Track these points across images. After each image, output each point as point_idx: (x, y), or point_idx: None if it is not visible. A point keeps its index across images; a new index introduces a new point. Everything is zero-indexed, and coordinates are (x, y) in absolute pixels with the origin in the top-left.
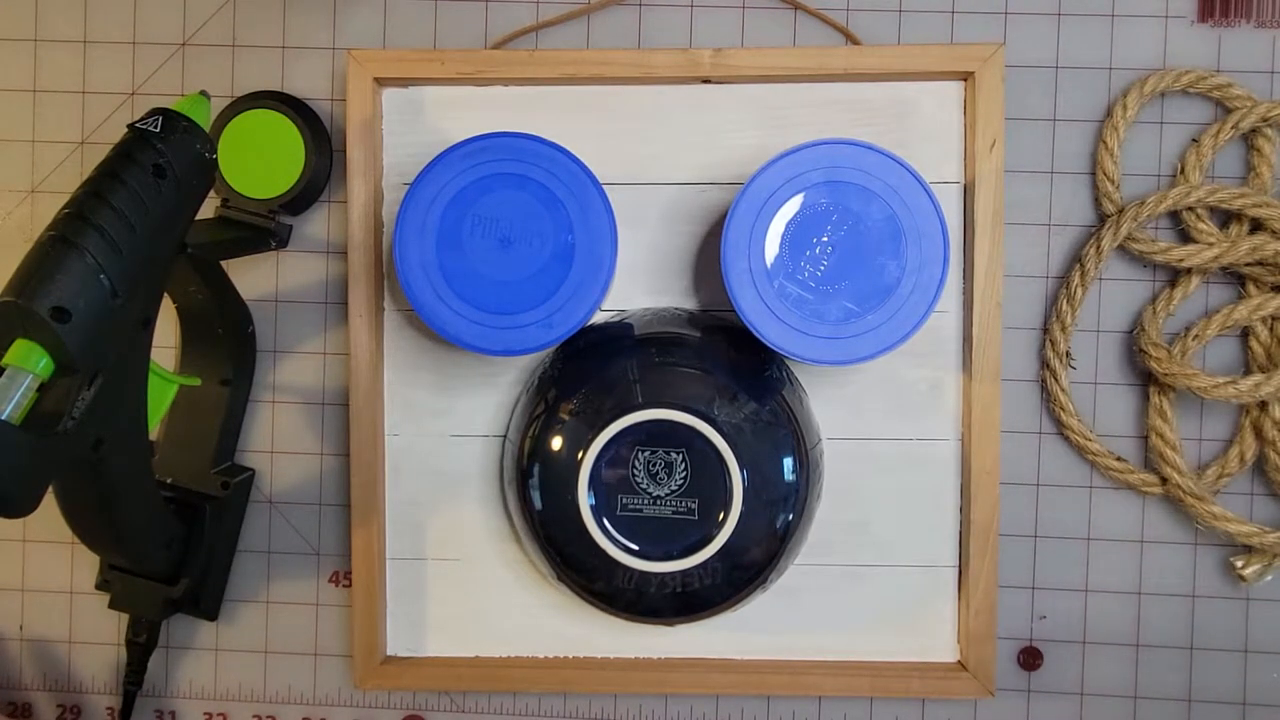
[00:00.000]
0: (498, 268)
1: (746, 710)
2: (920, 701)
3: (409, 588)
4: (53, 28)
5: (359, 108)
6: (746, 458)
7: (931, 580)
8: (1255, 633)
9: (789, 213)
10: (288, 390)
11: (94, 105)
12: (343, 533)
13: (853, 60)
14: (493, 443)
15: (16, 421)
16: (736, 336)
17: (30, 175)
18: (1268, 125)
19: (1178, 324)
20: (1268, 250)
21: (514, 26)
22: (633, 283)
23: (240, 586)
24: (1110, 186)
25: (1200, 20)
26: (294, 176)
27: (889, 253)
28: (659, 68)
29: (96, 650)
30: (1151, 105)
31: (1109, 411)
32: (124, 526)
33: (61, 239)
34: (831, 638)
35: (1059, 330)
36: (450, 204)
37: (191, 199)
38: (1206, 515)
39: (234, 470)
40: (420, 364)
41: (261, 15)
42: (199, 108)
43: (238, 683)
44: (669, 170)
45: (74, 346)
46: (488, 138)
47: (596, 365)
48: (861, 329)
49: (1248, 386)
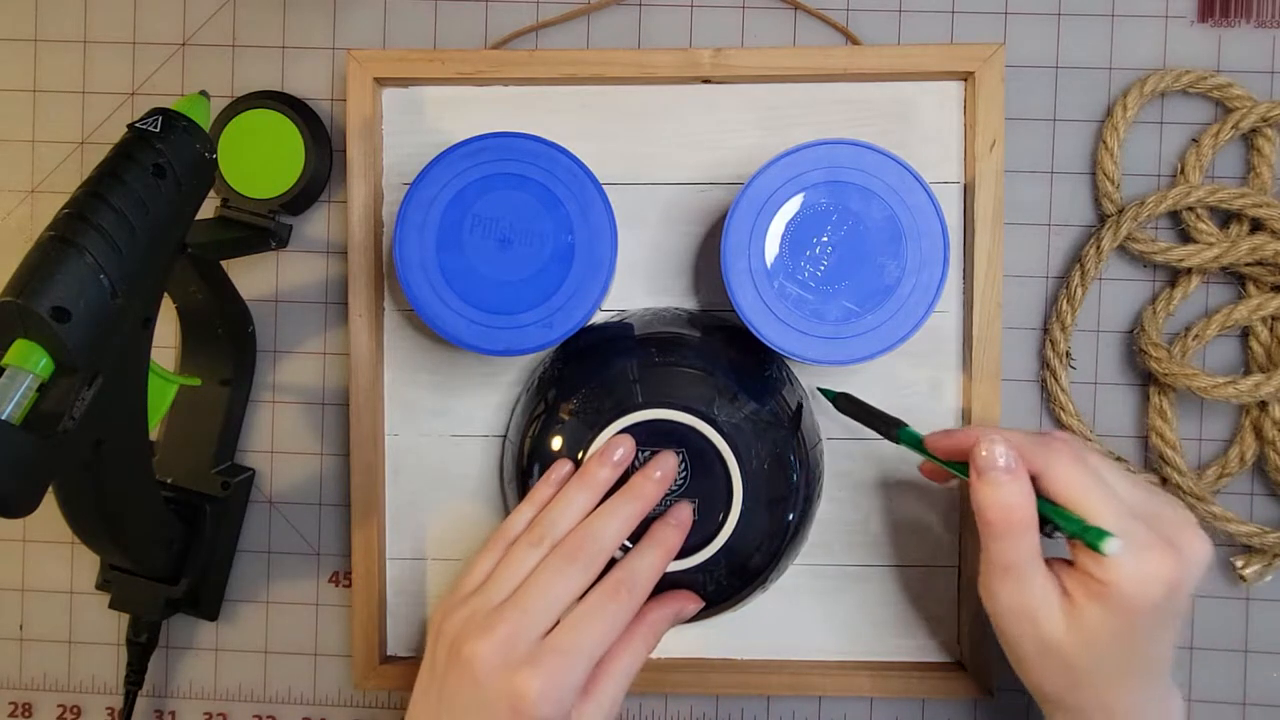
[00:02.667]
0: (498, 268)
1: (746, 710)
2: (920, 701)
3: (409, 588)
4: (53, 28)
5: (359, 108)
6: (746, 458)
7: (931, 580)
8: (1255, 633)
9: (789, 213)
10: (288, 390)
11: (94, 105)
12: (343, 533)
13: (853, 60)
14: (493, 443)
15: (16, 421)
16: (736, 336)
17: (30, 175)
18: (1268, 125)
19: (1178, 324)
20: (1268, 250)
21: (514, 26)
22: (633, 283)
23: (240, 586)
24: (1110, 186)
25: (1200, 20)
26: (294, 176)
27: (889, 253)
28: (659, 68)
29: (96, 650)
30: (1151, 105)
31: (1109, 411)
32: (124, 526)
33: (61, 239)
34: (831, 638)
35: (1059, 330)
36: (450, 204)
37: (191, 199)
38: (1206, 515)
39: (234, 470)
40: (420, 364)
41: (261, 15)
42: (199, 108)
43: (238, 683)
44: (669, 170)
45: (74, 346)
46: (488, 138)
47: (596, 365)
48: (861, 329)
49: (1248, 386)
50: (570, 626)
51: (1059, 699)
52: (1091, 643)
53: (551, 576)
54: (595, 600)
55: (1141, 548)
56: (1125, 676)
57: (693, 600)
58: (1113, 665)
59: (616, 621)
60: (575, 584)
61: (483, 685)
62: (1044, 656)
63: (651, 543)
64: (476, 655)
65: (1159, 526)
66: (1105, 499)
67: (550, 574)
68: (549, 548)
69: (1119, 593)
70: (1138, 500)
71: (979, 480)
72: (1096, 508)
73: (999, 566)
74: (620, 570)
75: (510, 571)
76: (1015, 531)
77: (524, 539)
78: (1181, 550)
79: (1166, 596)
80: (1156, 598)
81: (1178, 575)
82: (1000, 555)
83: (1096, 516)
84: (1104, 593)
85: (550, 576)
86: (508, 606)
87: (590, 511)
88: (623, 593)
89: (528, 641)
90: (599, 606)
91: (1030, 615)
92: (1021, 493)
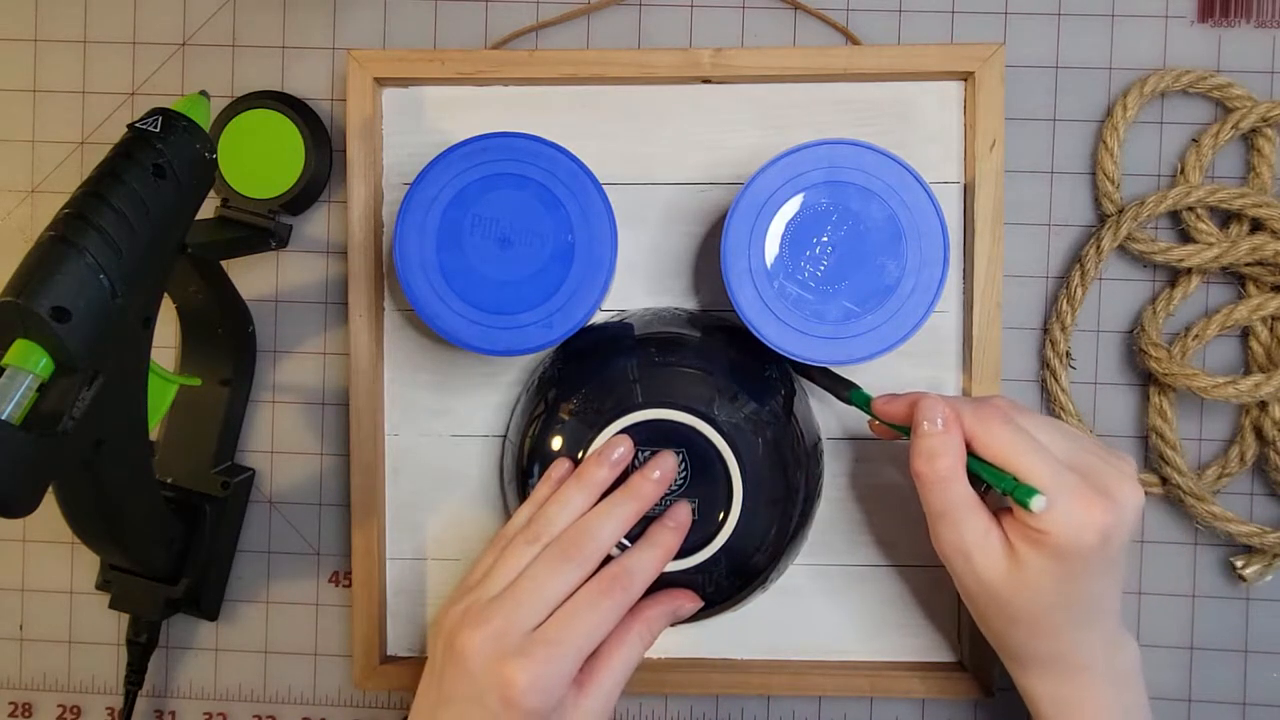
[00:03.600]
0: (498, 268)
1: (746, 710)
2: (920, 701)
3: (409, 588)
4: (53, 28)
5: (359, 108)
6: (746, 458)
7: (931, 580)
8: (1255, 633)
9: (789, 213)
10: (288, 390)
11: (94, 105)
12: (343, 533)
13: (853, 60)
14: (493, 443)
15: (16, 421)
16: (736, 336)
17: (30, 175)
18: (1268, 125)
19: (1178, 324)
20: (1268, 250)
21: (514, 26)
22: (633, 283)
23: (240, 586)
24: (1110, 186)
25: (1200, 20)
26: (294, 176)
27: (889, 253)
28: (659, 68)
29: (96, 650)
30: (1151, 105)
31: (1109, 411)
32: (124, 526)
33: (61, 239)
34: (831, 638)
35: (1059, 330)
36: (450, 204)
37: (191, 199)
38: (1206, 515)
39: (234, 470)
40: (420, 364)
41: (261, 15)
42: (199, 108)
43: (238, 683)
44: (669, 170)
45: (74, 346)
46: (488, 138)
47: (596, 365)
48: (861, 329)
49: (1248, 386)
50: (561, 619)
51: (1005, 643)
52: (1032, 586)
53: (545, 572)
54: (587, 594)
55: (1074, 497)
56: (1069, 622)
57: (691, 599)
58: (1055, 610)
59: (608, 616)
60: (569, 580)
61: (476, 675)
62: (986, 596)
63: (649, 543)
64: (469, 646)
65: (1093, 477)
66: (1035, 455)
67: (544, 570)
68: (545, 545)
69: (1054, 540)
70: (1072, 454)
71: (913, 437)
72: (1027, 463)
73: (934, 514)
74: (614, 566)
75: (506, 567)
76: (941, 483)
77: (520, 536)
78: (1114, 498)
79: (1101, 543)
80: (1091, 543)
81: (1110, 521)
82: (932, 504)
83: (1027, 472)
84: (1041, 539)
85: (544, 572)
86: (501, 600)
87: (588, 510)
88: (616, 588)
89: (519, 633)
90: (591, 601)
91: (965, 554)
92: (945, 446)
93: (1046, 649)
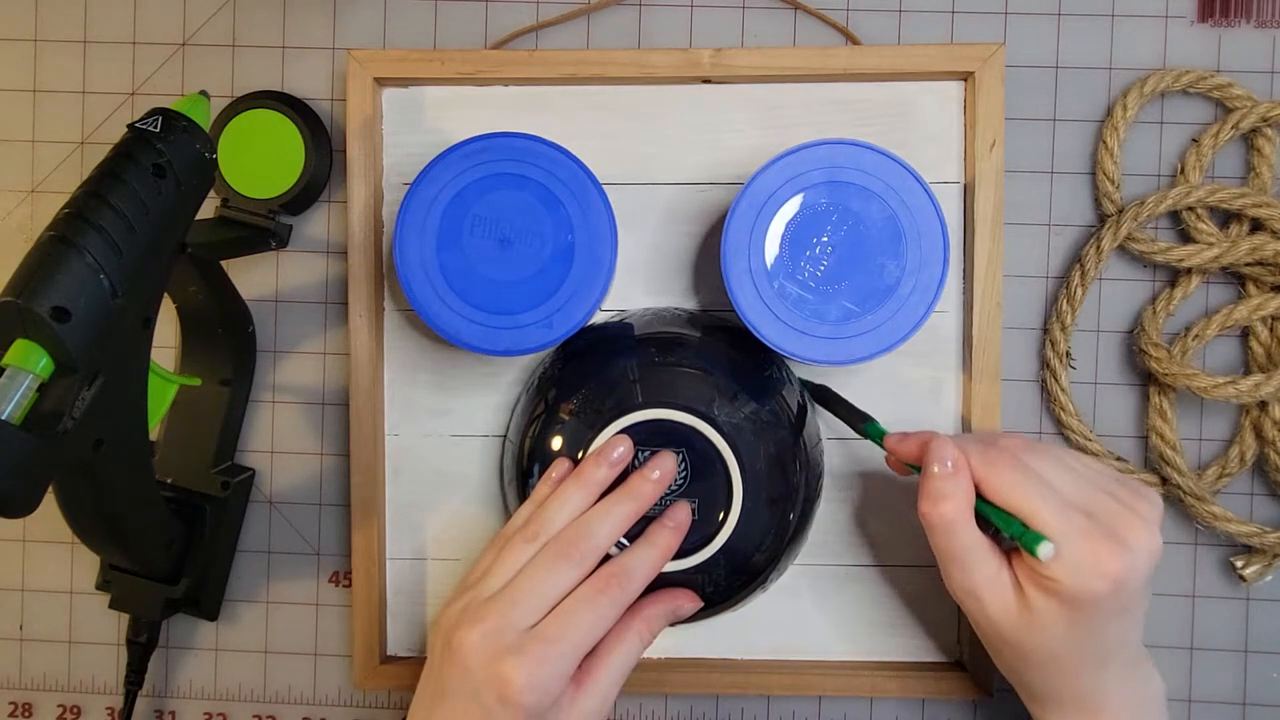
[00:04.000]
0: (498, 268)
1: (746, 710)
2: (920, 701)
3: (409, 588)
4: (53, 28)
5: (359, 108)
6: (746, 458)
7: (931, 580)
8: (1255, 633)
9: (789, 213)
10: (288, 390)
11: (94, 105)
12: (343, 533)
13: (853, 60)
14: (493, 443)
15: (16, 421)
16: (736, 336)
17: (30, 175)
18: (1268, 125)
19: (1178, 324)
20: (1268, 250)
21: (514, 26)
22: (633, 283)
23: (240, 586)
24: (1110, 186)
25: (1200, 20)
26: (294, 176)
27: (889, 253)
28: (659, 68)
29: (96, 650)
30: (1151, 105)
31: (1109, 411)
32: (124, 526)
33: (61, 239)
34: (831, 638)
35: (1059, 330)
36: (450, 204)
37: (191, 199)
38: (1206, 515)
39: (234, 470)
40: (420, 364)
41: (261, 15)
42: (199, 108)
43: (238, 683)
44: (669, 170)
45: (74, 346)
46: (488, 138)
47: (596, 365)
48: (861, 329)
49: (1248, 386)
50: (557, 617)
51: (1022, 681)
52: (1043, 629)
53: (542, 571)
54: (584, 593)
55: (1083, 544)
56: (1085, 662)
57: (690, 599)
58: (1070, 652)
59: (605, 614)
60: (566, 579)
61: (472, 672)
62: (999, 638)
63: (647, 542)
64: (466, 643)
65: (1106, 521)
66: (1043, 500)
67: (541, 568)
68: (543, 544)
69: (1063, 587)
70: (1086, 495)
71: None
72: (1034, 508)
73: (943, 556)
74: (612, 565)
75: (504, 566)
76: (948, 526)
77: (519, 535)
78: (1126, 543)
79: (1112, 590)
80: (1102, 590)
81: (1122, 568)
82: (940, 547)
83: (1034, 516)
84: (1050, 586)
85: (541, 570)
86: (498, 598)
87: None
88: (613, 586)
89: (516, 631)
90: (587, 599)
91: (975, 596)
92: (953, 489)
93: (1063, 689)
